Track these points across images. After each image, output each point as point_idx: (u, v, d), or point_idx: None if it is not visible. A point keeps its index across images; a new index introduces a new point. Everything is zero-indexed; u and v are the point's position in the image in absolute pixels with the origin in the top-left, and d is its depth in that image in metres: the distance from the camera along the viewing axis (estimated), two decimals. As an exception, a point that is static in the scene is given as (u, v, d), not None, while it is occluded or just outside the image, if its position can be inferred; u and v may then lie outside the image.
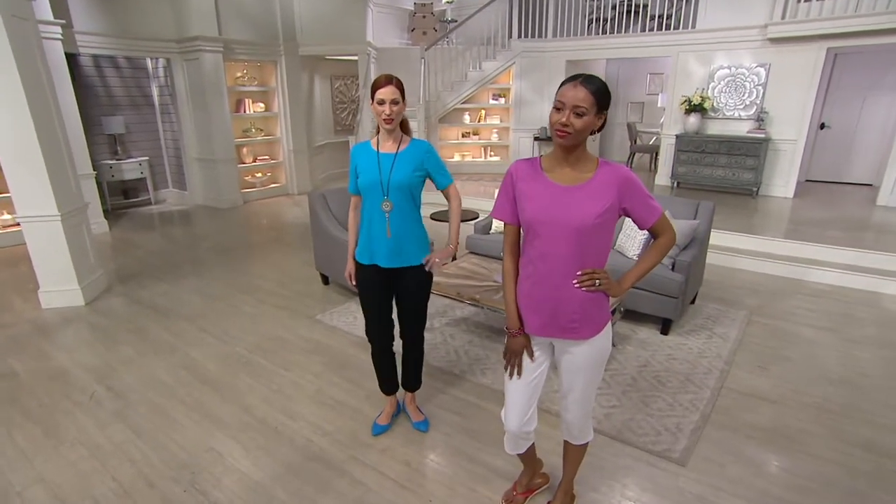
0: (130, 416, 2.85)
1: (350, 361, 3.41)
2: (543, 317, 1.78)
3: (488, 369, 3.30)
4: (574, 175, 1.67)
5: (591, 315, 1.75)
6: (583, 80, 1.57)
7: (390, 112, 2.15)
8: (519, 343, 1.86)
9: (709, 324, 3.98)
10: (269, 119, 8.95)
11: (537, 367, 1.90)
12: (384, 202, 2.23)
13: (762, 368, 3.33)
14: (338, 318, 4.04)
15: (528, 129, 9.73)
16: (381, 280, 2.35)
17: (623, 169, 1.66)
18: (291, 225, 7.08)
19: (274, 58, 8.52)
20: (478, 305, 3.38)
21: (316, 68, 9.83)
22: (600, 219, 1.62)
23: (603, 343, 1.81)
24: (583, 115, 1.56)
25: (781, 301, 4.41)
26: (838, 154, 8.69)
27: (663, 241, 1.75)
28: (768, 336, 3.77)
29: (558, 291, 1.72)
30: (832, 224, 5.87)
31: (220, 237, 6.48)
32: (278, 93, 8.73)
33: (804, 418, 2.81)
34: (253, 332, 3.84)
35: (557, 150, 1.68)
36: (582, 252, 1.67)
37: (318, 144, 10.00)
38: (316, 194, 4.44)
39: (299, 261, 5.45)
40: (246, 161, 8.73)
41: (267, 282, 4.85)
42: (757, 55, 7.35)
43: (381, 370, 2.64)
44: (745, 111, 7.60)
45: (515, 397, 1.92)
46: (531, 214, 1.69)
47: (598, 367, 1.86)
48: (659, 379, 3.21)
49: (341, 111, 10.82)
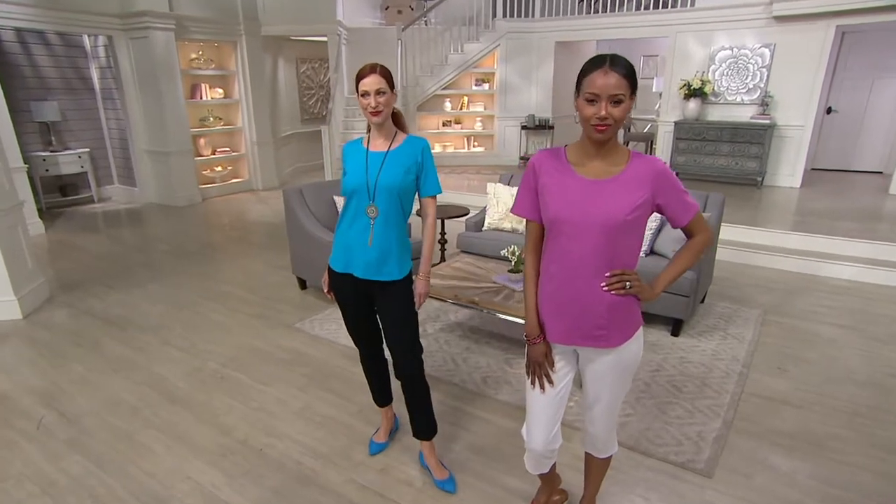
0: (88, 444, 2.76)
1: (337, 373, 3.38)
2: (567, 323, 1.76)
3: (490, 378, 3.30)
4: (604, 168, 1.66)
5: (620, 321, 1.74)
6: (611, 64, 1.54)
7: (376, 104, 2.11)
8: (539, 351, 1.85)
9: (721, 324, 4.06)
10: (228, 107, 8.82)
11: (562, 378, 1.89)
12: (369, 207, 2.16)
13: (782, 370, 3.40)
14: (320, 326, 4.00)
15: (514, 117, 9.80)
16: (356, 291, 2.30)
17: (658, 161, 1.67)
18: (258, 224, 6.99)
19: (233, 38, 8.39)
20: (477, 308, 3.37)
21: (280, 50, 9.72)
22: (632, 215, 1.62)
23: (633, 351, 1.81)
24: (621, 103, 1.55)
25: (797, 298, 4.52)
26: (846, 140, 8.95)
27: (699, 241, 1.75)
28: (786, 336, 3.85)
29: (584, 295, 1.71)
30: (844, 215, 6.04)
31: (177, 238, 6.35)
32: (238, 77, 8.61)
33: (832, 423, 2.87)
34: (226, 343, 3.78)
35: (586, 140, 1.67)
36: (611, 251, 1.66)
37: (283, 135, 9.90)
38: (292, 190, 4.39)
39: (270, 264, 5.39)
40: (204, 153, 8.57)
41: (237, 287, 4.78)
42: (761, 35, 7.52)
43: (371, 378, 2.61)
44: (749, 95, 7.78)
45: (539, 412, 1.91)
46: (556, 211, 1.68)
47: (628, 376, 1.86)
48: (674, 384, 3.25)
49: (308, 98, 10.73)
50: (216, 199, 8.47)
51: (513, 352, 3.62)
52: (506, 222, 4.73)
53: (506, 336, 3.84)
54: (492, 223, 4.77)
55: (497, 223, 4.75)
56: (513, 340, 3.77)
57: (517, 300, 3.40)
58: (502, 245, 4.27)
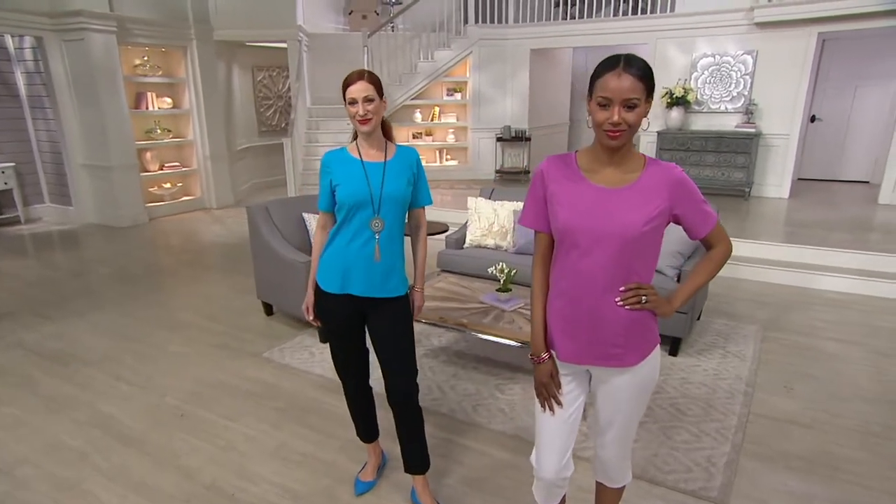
0: (24, 498, 2.60)
1: (314, 406, 3.30)
2: (580, 341, 1.76)
3: (481, 406, 3.27)
4: (618, 175, 1.67)
5: (636, 338, 1.74)
6: (625, 65, 1.55)
7: (364, 112, 2.13)
8: (545, 371, 1.84)
9: (720, 341, 4.12)
10: (178, 117, 8.69)
11: (573, 400, 1.87)
12: (374, 221, 2.17)
13: (788, 389, 3.46)
14: (290, 355, 3.91)
15: (489, 128, 9.91)
16: (352, 312, 2.29)
17: (675, 168, 1.68)
18: (214, 245, 6.87)
19: (183, 42, 8.29)
20: (464, 331, 3.35)
21: (235, 57, 9.66)
22: (649, 226, 1.62)
23: (649, 370, 1.81)
24: (635, 108, 1.56)
25: (794, 313, 4.63)
26: (832, 150, 9.32)
27: (719, 253, 1.77)
28: (788, 353, 3.94)
29: (598, 311, 1.71)
30: (835, 226, 6.25)
31: (122, 262, 6.17)
32: (189, 86, 8.51)
33: (846, 443, 2.92)
34: (185, 377, 3.66)
35: (599, 146, 1.68)
36: (626, 264, 1.66)
37: (239, 148, 9.81)
38: (257, 207, 4.32)
39: (231, 288, 5.29)
40: (150, 168, 8.39)
41: (194, 315, 4.66)
42: (743, 41, 7.81)
43: (358, 412, 2.56)
44: (733, 104, 8.04)
45: (550, 438, 1.89)
46: (566, 221, 1.68)
47: (644, 398, 1.86)
48: (677, 407, 3.27)
49: (266, 109, 10.68)
50: (165, 219, 8.30)
51: (503, 377, 3.59)
52: (489, 239, 4.73)
53: (495, 360, 3.81)
54: (473, 240, 4.77)
55: (479, 240, 4.75)
56: (503, 365, 3.75)
57: (507, 321, 3.40)
58: (487, 263, 4.27)
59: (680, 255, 4.02)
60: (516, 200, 4.87)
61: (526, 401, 3.31)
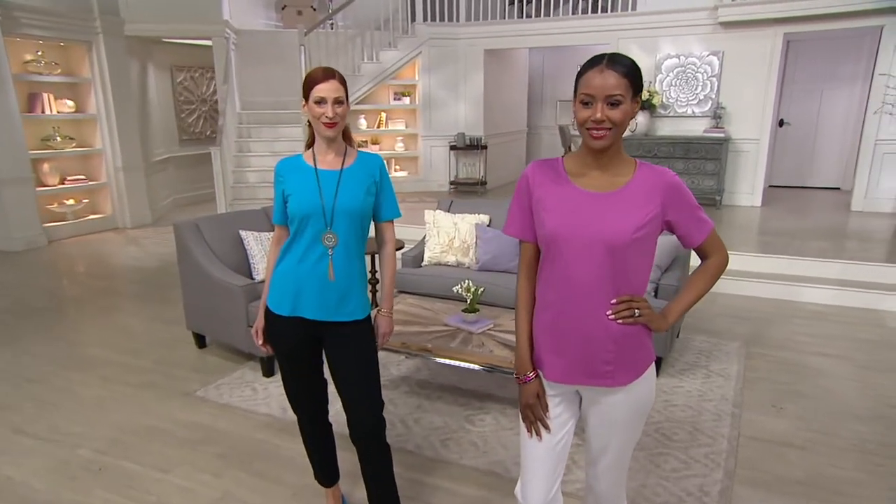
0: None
1: (260, 450, 3.19)
2: (569, 358, 1.77)
3: (450, 440, 3.23)
4: (607, 179, 1.71)
5: (628, 355, 1.76)
6: (609, 62, 1.61)
7: (333, 115, 2.10)
8: (531, 391, 1.85)
9: (702, 360, 4.22)
10: (82, 123, 8.39)
11: (562, 424, 1.88)
12: (327, 235, 2.15)
13: (777, 409, 3.55)
14: (230, 393, 3.80)
15: (441, 136, 9.97)
16: (305, 337, 2.24)
17: (668, 172, 1.73)
18: (130, 270, 6.67)
19: (86, 37, 7.99)
20: (429, 357, 3.32)
21: (150, 55, 9.45)
22: (640, 232, 1.66)
23: (644, 391, 1.83)
24: (619, 105, 1.60)
25: (776, 327, 4.79)
26: (801, 155, 9.79)
27: (715, 263, 1.82)
28: (773, 370, 4.05)
29: (587, 325, 1.72)
30: (811, 235, 6.54)
31: (16, 293, 5.88)
32: (95, 86, 8.23)
33: (843, 464, 3.01)
34: (103, 423, 3.48)
35: (586, 149, 1.72)
36: (617, 275, 1.69)
37: (157, 159, 9.58)
38: (186, 224, 4.22)
39: (154, 318, 5.12)
40: (49, 182, 8.01)
41: (110, 351, 4.48)
42: (708, 42, 8.15)
43: (315, 451, 2.50)
44: (700, 107, 8.35)
45: (537, 467, 1.88)
46: (553, 228, 1.71)
47: (638, 421, 1.87)
48: (662, 432, 3.31)
49: (188, 114, 10.47)
50: (68, 241, 7.96)
51: (473, 406, 3.57)
52: (449, 255, 4.72)
53: (462, 388, 3.79)
54: (433, 257, 4.75)
55: (439, 257, 4.73)
56: (470, 393, 3.72)
57: (476, 344, 3.39)
58: (449, 282, 4.24)
59: (657, 267, 4.10)
60: (478, 213, 4.89)
61: (499, 432, 3.29)
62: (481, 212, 4.92)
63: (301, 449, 2.59)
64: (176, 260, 6.64)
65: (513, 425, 3.36)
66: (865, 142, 7.63)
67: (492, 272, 4.55)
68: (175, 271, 6.27)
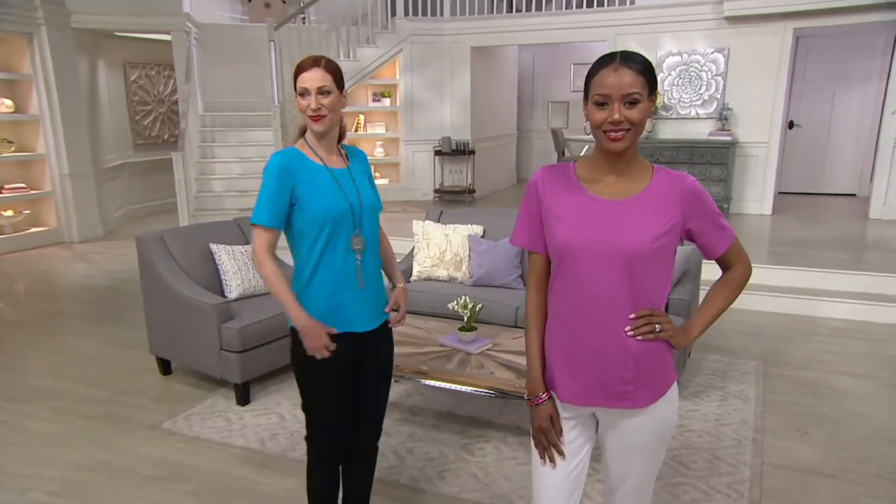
0: None
1: (238, 487, 3.15)
2: (584, 378, 1.78)
3: (448, 472, 3.21)
4: (623, 185, 1.73)
5: (649, 374, 1.77)
6: (622, 59, 1.64)
7: (317, 106, 2.10)
8: (544, 414, 1.85)
9: (717, 381, 4.24)
10: (22, 125, 8.31)
11: (577, 450, 1.88)
12: (355, 239, 2.19)
13: (802, 433, 3.57)
14: (200, 424, 3.75)
15: (425, 140, 9.99)
16: (354, 354, 2.29)
17: (687, 178, 1.75)
18: (80, 289, 6.61)
19: (26, 28, 7.88)
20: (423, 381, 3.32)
21: (100, 50, 9.40)
22: (659, 242, 1.68)
23: (666, 412, 1.84)
24: (637, 104, 1.63)
25: (794, 345, 4.83)
26: (813, 160, 9.95)
27: (738, 274, 1.84)
28: (795, 391, 4.09)
29: (604, 342, 1.73)
30: (828, 245, 6.63)
31: (-52, 316, 5.79)
32: (38, 84, 8.14)
33: (878, 493, 3.03)
34: (56, 461, 3.41)
35: (600, 153, 1.74)
36: (635, 288, 1.70)
37: (109, 166, 9.51)
38: (150, 237, 4.20)
39: (108, 342, 5.07)
40: (-17, 191, 7.97)
41: (61, 380, 4.42)
42: (713, 38, 8.28)
43: (328, 493, 2.44)
44: (704, 108, 8.47)
45: (551, 496, 1.88)
46: (565, 238, 1.72)
47: (660, 446, 1.88)
48: (679, 460, 3.31)
49: (143, 116, 10.43)
50: (6, 257, 7.86)
51: (471, 434, 3.56)
52: (440, 269, 4.72)
53: (458, 414, 3.78)
54: (423, 271, 4.74)
55: (430, 271, 4.73)
56: (468, 420, 3.71)
57: (475, 366, 3.38)
58: (442, 298, 4.23)
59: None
60: (471, 223, 4.90)
61: (501, 462, 3.28)
62: (474, 222, 4.92)
63: (285, 485, 2.57)
64: (132, 277, 6.71)
65: (515, 454, 3.35)
66: (883, 144, 7.76)
67: (487, 287, 4.55)
68: (132, 290, 6.25)
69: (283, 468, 3.25)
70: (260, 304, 4.15)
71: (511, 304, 4.29)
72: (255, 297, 4.34)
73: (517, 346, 3.58)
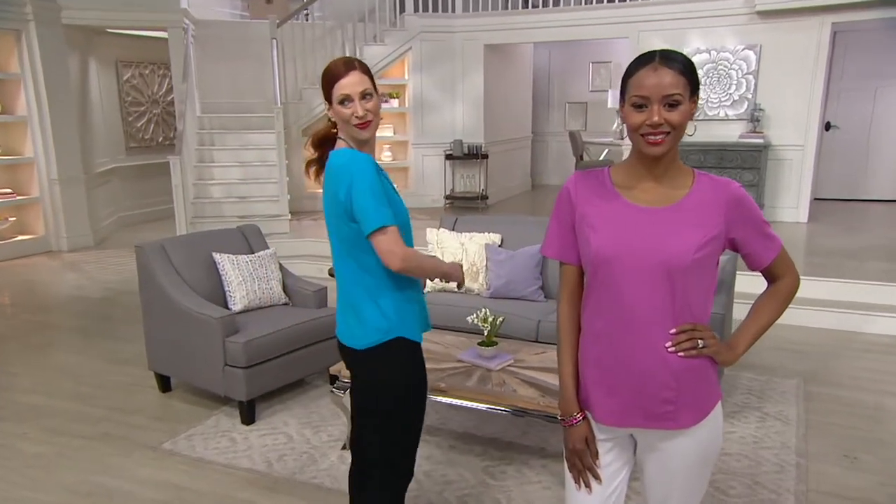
0: None
1: (245, 513, 3.14)
2: (622, 397, 1.77)
3: (469, 497, 3.21)
4: (662, 192, 1.73)
5: (692, 392, 1.76)
6: (662, 58, 1.65)
7: (364, 112, 2.09)
8: (579, 435, 1.85)
9: (754, 400, 4.22)
10: (10, 127, 8.40)
11: (615, 474, 1.88)
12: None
13: (851, 459, 3.52)
14: (204, 444, 3.76)
15: (435, 144, 10.02)
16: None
17: (732, 184, 1.75)
18: (70, 301, 6.67)
19: (14, 24, 7.96)
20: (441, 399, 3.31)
21: (92, 48, 9.49)
22: (701, 252, 1.68)
23: (710, 434, 1.83)
24: (678, 106, 1.63)
25: (839, 362, 4.79)
26: (852, 163, 9.92)
27: (786, 286, 1.85)
28: (841, 413, 4.04)
29: (643, 359, 1.73)
30: (870, 255, 6.59)
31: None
32: (26, 84, 8.23)
33: (935, 522, 2.99)
34: (48, 485, 3.42)
35: (637, 158, 1.75)
36: (676, 300, 1.70)
37: (100, 171, 9.59)
38: (151, 247, 4.23)
39: (103, 358, 5.10)
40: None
41: (54, 397, 4.44)
42: (743, 34, 8.27)
43: None
44: (734, 109, 8.46)
45: (588, 522, 1.87)
46: (599, 248, 1.73)
47: (704, 469, 1.87)
48: (716, 485, 3.28)
49: (137, 118, 10.52)
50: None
51: (492, 457, 3.54)
52: (456, 280, 4.70)
53: (477, 435, 3.77)
54: (437, 283, 4.73)
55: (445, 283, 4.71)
56: (488, 441, 3.70)
57: (497, 383, 3.37)
58: (458, 311, 4.22)
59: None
60: (488, 232, 4.89)
61: (524, 486, 3.27)
62: (491, 230, 4.92)
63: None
64: (125, 288, 6.77)
65: (540, 478, 3.33)
66: (927, 147, 7.73)
67: (505, 300, 4.55)
68: (126, 302, 6.29)
69: (292, 491, 3.25)
70: (266, 317, 4.17)
71: (532, 317, 4.28)
72: (260, 309, 4.36)
73: (540, 363, 3.57)
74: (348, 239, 2.16)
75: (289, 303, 4.57)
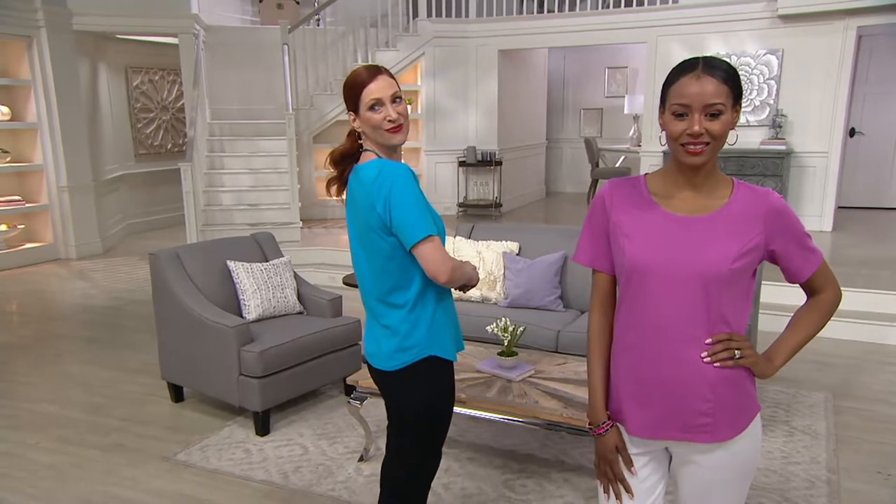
0: None
1: (262, 525, 3.13)
2: (656, 409, 1.77)
3: (490, 512, 3.19)
4: (699, 201, 1.73)
5: (729, 404, 1.75)
6: (705, 66, 1.64)
7: (396, 116, 2.10)
8: (609, 445, 1.86)
9: (780, 414, 4.19)
10: (20, 134, 8.47)
11: (650, 489, 1.87)
12: None
13: (885, 476, 3.49)
14: (218, 455, 3.76)
15: (448, 150, 10.04)
16: None
17: (772, 194, 1.74)
18: (79, 310, 6.69)
19: (25, 31, 8.05)
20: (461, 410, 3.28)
21: (102, 54, 9.58)
22: (739, 262, 1.68)
23: (749, 447, 1.82)
24: (720, 115, 1.63)
25: (868, 375, 4.76)
26: (877, 171, 9.89)
27: (827, 300, 1.84)
28: (872, 427, 4.01)
29: (678, 370, 1.73)
30: (898, 264, 6.54)
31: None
32: (36, 90, 8.30)
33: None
34: (63, 496, 3.42)
35: (675, 166, 1.75)
36: (712, 312, 1.70)
37: (109, 177, 9.65)
38: (165, 255, 4.25)
39: (115, 367, 5.12)
40: (-26, 205, 8.13)
41: (67, 407, 4.45)
42: (765, 38, 8.26)
43: None
44: (755, 115, 8.42)
45: (619, 537, 1.87)
46: (634, 257, 1.74)
47: (742, 484, 1.86)
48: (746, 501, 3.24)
49: (146, 124, 10.59)
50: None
51: (512, 469, 3.54)
52: (473, 289, 4.69)
53: (496, 448, 3.76)
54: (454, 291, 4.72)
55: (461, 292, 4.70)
56: (507, 453, 3.69)
57: (518, 394, 3.35)
58: (475, 320, 4.21)
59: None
60: (505, 240, 4.88)
61: (546, 500, 3.26)
62: (508, 238, 4.91)
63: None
64: (135, 297, 6.81)
65: (562, 492, 3.32)
66: (955, 155, 7.69)
67: (524, 309, 4.54)
68: (136, 310, 6.32)
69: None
70: (281, 326, 4.18)
71: (552, 327, 4.27)
72: (275, 318, 4.36)
73: (562, 374, 3.56)
74: (382, 253, 2.13)
75: (303, 312, 4.57)
